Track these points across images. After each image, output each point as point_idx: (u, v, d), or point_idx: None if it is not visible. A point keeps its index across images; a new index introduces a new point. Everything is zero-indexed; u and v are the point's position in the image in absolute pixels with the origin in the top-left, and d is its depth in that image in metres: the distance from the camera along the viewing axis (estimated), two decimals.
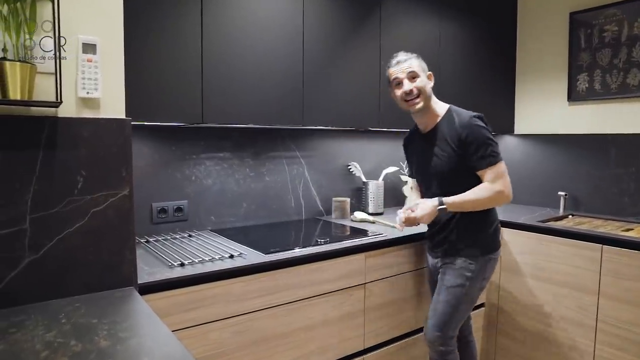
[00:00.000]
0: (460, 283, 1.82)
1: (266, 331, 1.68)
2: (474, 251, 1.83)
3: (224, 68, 1.81)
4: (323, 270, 1.81)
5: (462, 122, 1.76)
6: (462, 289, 1.82)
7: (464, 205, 1.77)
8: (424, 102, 1.80)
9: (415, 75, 1.79)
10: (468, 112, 1.81)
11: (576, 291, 2.17)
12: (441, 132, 1.82)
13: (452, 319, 1.83)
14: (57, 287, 1.23)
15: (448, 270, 1.86)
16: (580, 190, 2.77)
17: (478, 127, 1.75)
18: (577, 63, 2.74)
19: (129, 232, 1.33)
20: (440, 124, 1.84)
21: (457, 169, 1.78)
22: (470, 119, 1.76)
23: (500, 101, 3.04)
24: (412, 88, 1.78)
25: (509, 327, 2.46)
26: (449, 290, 1.83)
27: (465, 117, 1.77)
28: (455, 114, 1.81)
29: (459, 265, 1.83)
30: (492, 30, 2.91)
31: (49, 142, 1.20)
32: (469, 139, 1.73)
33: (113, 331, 1.03)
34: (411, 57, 1.82)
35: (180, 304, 1.47)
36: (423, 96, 1.80)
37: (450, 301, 1.82)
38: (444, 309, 1.83)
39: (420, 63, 1.83)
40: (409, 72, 1.79)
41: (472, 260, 1.82)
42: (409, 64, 1.80)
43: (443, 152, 1.80)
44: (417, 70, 1.80)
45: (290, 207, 2.47)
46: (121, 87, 1.32)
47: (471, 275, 1.81)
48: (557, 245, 2.24)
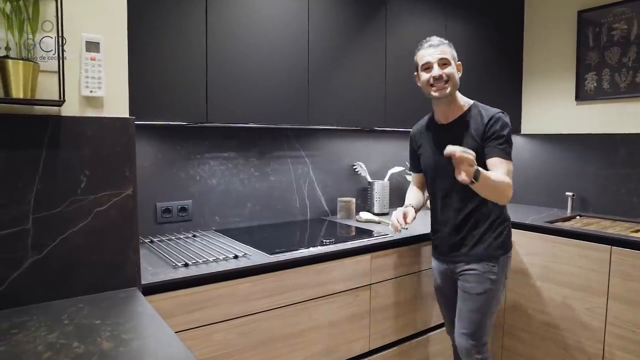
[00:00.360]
0: (487, 288, 1.76)
1: (271, 332, 1.66)
2: (494, 252, 1.77)
3: (229, 67, 1.80)
4: (328, 270, 1.80)
5: (490, 114, 1.73)
6: (490, 293, 1.77)
7: (488, 182, 1.56)
8: (451, 88, 1.74)
9: (446, 62, 1.73)
10: (495, 108, 1.78)
11: (584, 293, 2.14)
12: (465, 126, 1.76)
13: (484, 326, 1.79)
14: (60, 288, 1.22)
15: (470, 276, 1.78)
16: (588, 191, 2.74)
17: (505, 122, 1.73)
18: (585, 62, 2.71)
19: (133, 232, 1.32)
20: (464, 116, 1.78)
21: (482, 165, 1.65)
22: (499, 113, 1.74)
23: (506, 101, 3.01)
24: (442, 74, 1.72)
25: (515, 328, 2.44)
26: (477, 297, 1.77)
27: (494, 111, 1.75)
28: (482, 109, 1.78)
29: (481, 270, 1.76)
30: (498, 29, 2.88)
31: (52, 141, 1.19)
32: (494, 129, 1.70)
33: (116, 332, 1.02)
34: (444, 43, 1.76)
35: (184, 304, 1.46)
36: (451, 83, 1.74)
37: (481, 309, 1.77)
38: (475, 317, 1.77)
39: (452, 51, 1.77)
40: (440, 59, 1.73)
41: (493, 262, 1.77)
42: (442, 50, 1.73)
43: (467, 146, 1.62)
44: (449, 57, 1.74)
45: (295, 207, 2.45)
46: (125, 86, 1.31)
47: (496, 278, 1.77)
48: (565, 246, 2.21)
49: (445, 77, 1.72)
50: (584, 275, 2.14)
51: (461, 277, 1.82)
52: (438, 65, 1.72)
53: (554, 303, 2.26)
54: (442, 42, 1.76)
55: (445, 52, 1.74)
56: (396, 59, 2.35)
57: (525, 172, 3.03)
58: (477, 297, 1.77)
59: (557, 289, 2.24)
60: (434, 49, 1.74)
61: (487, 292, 1.76)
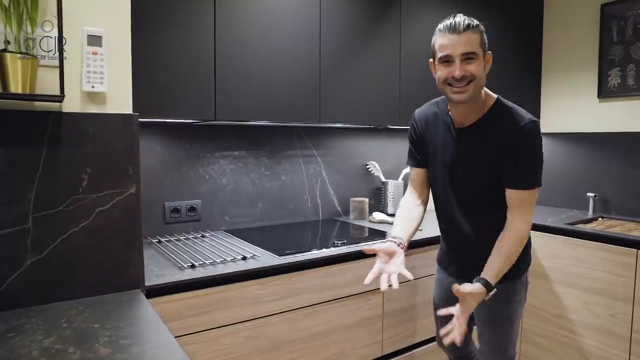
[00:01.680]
0: (513, 309, 1.55)
1: (280, 336, 1.61)
2: (517, 270, 1.50)
3: (237, 64, 1.75)
4: (340, 273, 1.74)
5: (518, 125, 1.36)
6: (516, 313, 1.57)
7: (503, 271, 1.37)
8: (473, 92, 1.36)
9: (472, 56, 1.33)
10: (524, 111, 1.41)
11: (608, 298, 2.04)
12: (486, 134, 1.41)
13: (511, 343, 1.62)
14: (61, 289, 1.19)
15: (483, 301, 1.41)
16: (610, 192, 2.63)
17: (537, 139, 1.37)
18: (608, 57, 2.61)
19: (136, 233, 1.28)
20: (485, 120, 1.43)
21: (494, 181, 1.42)
22: (529, 124, 1.36)
23: (525, 98, 2.91)
24: (465, 74, 1.33)
25: (534, 334, 2.35)
26: (503, 320, 1.56)
27: (524, 120, 1.37)
28: (507, 111, 1.41)
29: (506, 291, 1.50)
30: (517, 23, 2.79)
31: (52, 138, 1.16)
32: (520, 148, 1.36)
33: (115, 337, 0.97)
34: (472, 26, 1.33)
35: (190, 307, 1.42)
36: (476, 84, 1.35)
37: (505, 330, 1.57)
38: (502, 340, 1.58)
39: (481, 38, 1.35)
40: (464, 53, 1.32)
41: (516, 280, 1.54)
42: (468, 39, 1.31)
43: (486, 160, 1.41)
44: (474, 49, 1.33)
45: (306, 207, 2.40)
46: (128, 82, 1.27)
47: (518, 298, 1.56)
48: (587, 249, 2.12)
49: (469, 76, 1.33)
50: (607, 280, 2.04)
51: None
52: (461, 61, 1.33)
53: (574, 308, 2.17)
54: (470, 26, 1.33)
55: (473, 43, 1.32)
56: (411, 55, 2.28)
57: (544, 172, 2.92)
58: (504, 320, 1.56)
59: (578, 294, 2.15)
60: (458, 36, 1.31)
61: (513, 312, 1.56)
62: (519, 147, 1.36)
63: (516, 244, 1.39)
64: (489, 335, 1.61)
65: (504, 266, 1.38)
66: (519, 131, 1.36)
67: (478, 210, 1.50)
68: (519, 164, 1.37)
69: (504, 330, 1.59)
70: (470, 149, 1.44)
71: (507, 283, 1.48)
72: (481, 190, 1.46)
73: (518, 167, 1.37)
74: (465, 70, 1.33)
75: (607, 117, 2.64)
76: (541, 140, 1.39)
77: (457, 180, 1.50)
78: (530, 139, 1.36)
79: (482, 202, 1.48)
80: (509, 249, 1.38)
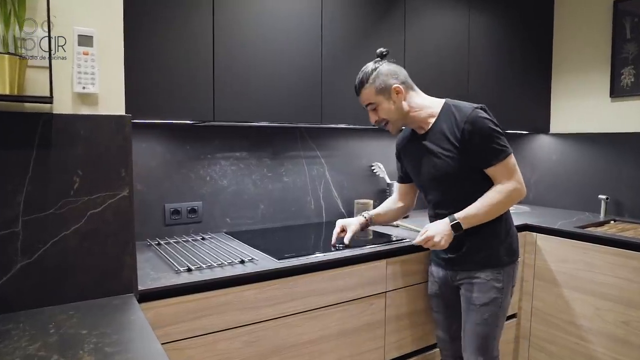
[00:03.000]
0: (493, 298, 1.61)
1: (279, 341, 1.57)
2: (499, 260, 1.63)
3: (236, 64, 1.72)
4: (341, 277, 1.70)
5: (463, 116, 1.54)
6: (496, 303, 1.62)
7: (479, 217, 1.56)
8: (395, 125, 1.65)
9: (373, 105, 1.62)
10: (468, 104, 1.60)
11: (620, 305, 1.97)
12: (440, 130, 1.60)
13: (493, 339, 1.65)
14: (52, 294, 1.17)
15: (473, 286, 1.64)
16: (623, 194, 2.55)
17: (481, 118, 1.53)
18: (621, 55, 2.53)
19: (129, 236, 1.26)
20: (437, 122, 1.62)
21: (462, 169, 1.57)
22: (473, 111, 1.54)
23: (534, 98, 2.85)
24: (377, 119, 1.64)
25: (542, 340, 2.28)
26: (482, 309, 1.62)
27: (467, 110, 1.56)
28: (454, 108, 1.59)
29: (486, 279, 1.62)
30: (526, 21, 2.73)
31: (43, 140, 1.14)
32: (472, 133, 1.52)
33: (101, 345, 0.95)
34: (364, 82, 1.61)
35: (186, 311, 1.39)
36: (392, 122, 1.64)
37: (487, 320, 1.62)
38: (481, 330, 1.63)
39: (373, 87, 1.60)
40: (367, 105, 1.64)
41: (498, 270, 1.63)
42: (365, 96, 1.63)
43: (445, 151, 1.58)
44: (371, 100, 1.61)
45: (310, 209, 2.37)
46: (121, 82, 1.24)
47: (502, 287, 1.63)
48: (598, 253, 2.05)
49: (381, 120, 1.64)
50: (620, 286, 1.98)
51: (463, 286, 1.68)
52: (370, 111, 1.65)
53: (585, 314, 2.10)
54: (363, 84, 1.61)
55: (368, 96, 1.61)
56: (416, 54, 2.23)
57: (554, 173, 2.87)
58: (482, 308, 1.62)
59: (589, 299, 2.09)
60: (359, 96, 1.65)
61: (493, 301, 1.62)
62: (474, 132, 1.52)
63: (503, 195, 1.55)
64: (470, 327, 1.65)
65: (481, 208, 1.55)
66: (467, 117, 1.53)
67: (456, 203, 1.61)
68: (481, 146, 1.53)
69: (484, 320, 1.62)
70: (433, 145, 1.62)
71: (487, 271, 1.62)
72: (452, 179, 1.60)
73: (482, 149, 1.54)
74: (375, 116, 1.65)
75: (619, 117, 2.57)
76: (487, 119, 1.54)
77: (431, 176, 1.65)
78: (479, 119, 1.53)
79: (456, 190, 1.62)
80: (493, 197, 1.56)
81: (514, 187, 1.56)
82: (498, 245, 1.64)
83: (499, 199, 1.55)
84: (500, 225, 1.64)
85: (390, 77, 1.60)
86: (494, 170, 1.56)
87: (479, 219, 1.57)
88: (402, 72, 1.64)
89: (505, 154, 1.55)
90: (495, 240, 1.64)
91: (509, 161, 1.55)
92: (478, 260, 1.64)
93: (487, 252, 1.63)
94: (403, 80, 1.63)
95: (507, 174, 1.56)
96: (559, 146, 2.87)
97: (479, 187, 1.59)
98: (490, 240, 1.63)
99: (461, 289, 1.69)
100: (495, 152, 1.54)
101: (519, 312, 2.37)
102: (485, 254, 1.63)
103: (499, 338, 1.68)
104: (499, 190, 1.56)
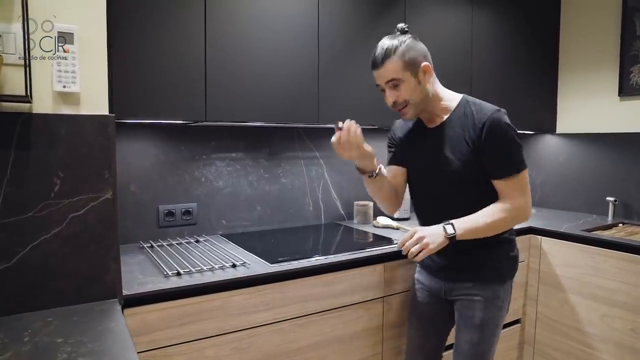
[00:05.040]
0: (492, 316, 1.49)
1: (271, 348, 1.53)
2: (500, 274, 1.51)
3: (229, 63, 1.68)
4: (337, 282, 1.65)
5: (483, 117, 1.39)
6: (495, 321, 1.51)
7: (478, 233, 1.41)
8: (414, 110, 1.46)
9: (397, 82, 1.41)
10: (489, 104, 1.44)
11: (629, 312, 1.90)
12: (455, 128, 1.45)
13: (489, 357, 1.54)
14: (31, 300, 1.13)
15: (472, 302, 1.50)
16: (631, 196, 2.47)
17: (504, 123, 1.38)
18: (630, 53, 2.45)
19: (113, 240, 1.22)
20: (452, 117, 1.47)
21: (472, 173, 1.43)
22: (494, 114, 1.38)
23: (540, 97, 2.78)
24: (396, 99, 1.44)
25: (547, 347, 2.21)
26: (481, 328, 1.49)
27: (487, 111, 1.40)
28: (473, 107, 1.43)
29: (486, 296, 1.48)
30: (531, 17, 2.66)
31: (21, 140, 1.10)
32: (491, 136, 1.37)
33: (74, 354, 0.91)
34: (391, 52, 1.39)
35: (174, 316, 1.35)
36: (412, 105, 1.44)
37: (486, 339, 1.50)
38: (479, 350, 1.50)
39: (401, 60, 1.39)
40: (388, 81, 1.42)
41: (499, 285, 1.50)
42: (387, 68, 1.40)
43: (459, 152, 1.43)
44: (396, 75, 1.40)
45: (308, 211, 2.32)
46: (104, 81, 1.20)
47: (501, 304, 1.51)
48: (606, 258, 1.98)
49: (401, 102, 1.44)
50: (628, 292, 1.90)
51: (460, 302, 1.53)
52: (390, 89, 1.43)
53: (591, 321, 2.03)
54: (388, 54, 1.39)
55: (392, 69, 1.39)
56: None
57: (561, 174, 2.79)
58: (482, 327, 1.49)
59: (595, 306, 2.02)
60: (378, 70, 1.42)
61: (492, 320, 1.50)
62: (491, 137, 1.38)
63: (507, 213, 1.41)
64: (466, 347, 1.52)
65: (479, 225, 1.40)
66: (489, 119, 1.38)
67: (454, 207, 1.46)
68: (497, 153, 1.40)
69: (482, 339, 1.50)
70: (445, 143, 1.47)
71: (489, 287, 1.49)
72: (464, 182, 1.46)
73: (497, 157, 1.40)
74: (395, 96, 1.44)
75: (628, 117, 2.49)
76: (510, 126, 1.40)
77: (440, 174, 1.49)
78: (502, 125, 1.39)
79: (456, 198, 1.48)
80: (493, 212, 1.41)
81: (522, 207, 1.41)
82: (503, 259, 1.52)
83: (504, 218, 1.41)
84: (506, 235, 1.52)
85: (420, 53, 1.42)
86: (504, 184, 1.41)
87: (477, 234, 1.41)
88: (427, 52, 1.47)
89: (520, 168, 1.40)
90: (502, 253, 1.52)
91: (522, 177, 1.41)
92: (480, 274, 1.50)
93: (491, 266, 1.50)
94: (430, 60, 1.46)
95: (518, 191, 1.41)
96: (565, 147, 2.79)
97: (482, 196, 1.45)
98: (496, 252, 1.51)
99: (456, 304, 1.55)
100: (510, 165, 1.40)
101: (523, 318, 2.31)
102: (488, 267, 1.50)
103: (493, 355, 1.56)
104: (506, 209, 1.40)
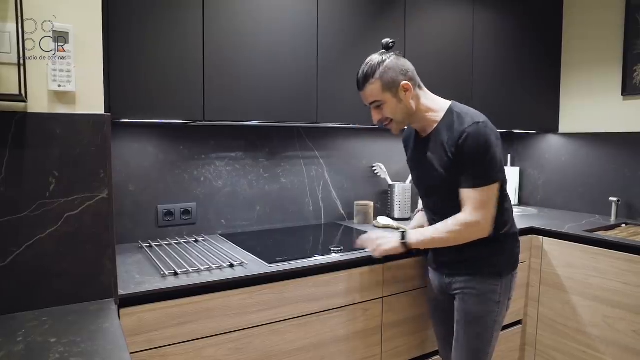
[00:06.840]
0: (488, 311, 1.52)
1: (268, 348, 1.52)
2: (497, 269, 1.53)
3: (228, 62, 1.67)
4: (335, 282, 1.64)
5: (463, 126, 1.42)
6: (491, 316, 1.53)
7: (433, 244, 1.55)
8: (397, 126, 1.54)
9: (378, 103, 1.50)
10: (471, 114, 1.46)
11: (632, 313, 1.88)
12: (440, 137, 1.49)
13: (485, 354, 1.56)
14: (26, 299, 1.13)
15: (469, 297, 1.54)
16: (635, 196, 2.45)
17: (477, 135, 1.40)
18: (634, 51, 2.43)
19: (109, 240, 1.21)
20: (439, 127, 1.51)
21: (456, 181, 1.47)
22: (470, 127, 1.41)
23: (543, 96, 2.76)
24: (380, 117, 1.53)
25: (549, 348, 2.20)
26: (475, 321, 1.53)
27: (468, 121, 1.43)
28: (456, 116, 1.47)
29: (482, 290, 1.52)
30: (533, 16, 2.64)
31: (16, 140, 1.10)
32: (463, 150, 1.41)
33: (66, 355, 0.90)
34: (368, 77, 1.47)
35: (171, 316, 1.34)
36: (396, 121, 1.52)
37: (481, 334, 1.53)
38: (474, 344, 1.54)
39: (379, 82, 1.46)
40: (370, 102, 1.52)
41: (496, 280, 1.53)
42: (369, 92, 1.49)
43: (440, 159, 1.49)
44: (377, 97, 1.48)
45: (308, 210, 2.31)
46: (99, 81, 1.20)
47: (498, 299, 1.53)
48: (609, 258, 1.96)
49: (384, 119, 1.53)
50: (630, 293, 1.88)
51: (458, 296, 1.57)
52: (374, 109, 1.53)
53: (594, 322, 2.01)
54: (367, 77, 1.47)
55: (373, 93, 1.48)
56: (417, 52, 2.16)
57: (563, 174, 2.77)
58: (476, 320, 1.53)
59: (598, 307, 2.00)
60: (362, 92, 1.52)
61: (488, 314, 1.53)
62: (464, 149, 1.42)
63: (459, 227, 1.45)
64: (462, 340, 1.56)
65: (434, 237, 1.51)
66: (462, 133, 1.42)
67: (447, 211, 1.51)
68: (465, 164, 1.43)
69: (478, 334, 1.53)
70: (431, 152, 1.54)
71: (484, 282, 1.53)
72: (446, 189, 1.51)
73: (464, 167, 1.44)
74: (379, 114, 1.53)
75: (631, 116, 2.46)
76: (486, 139, 1.41)
77: (427, 183, 1.59)
78: (472, 139, 1.41)
79: (447, 203, 1.52)
80: (448, 226, 1.48)
81: (476, 222, 1.43)
82: (500, 254, 1.55)
83: (459, 231, 1.45)
84: (504, 230, 1.54)
85: (399, 72, 1.47)
86: (465, 194, 1.44)
87: (432, 245, 1.57)
88: (410, 68, 1.51)
89: (485, 183, 1.42)
90: (498, 248, 1.54)
91: (483, 192, 1.42)
92: (476, 268, 1.54)
93: (487, 261, 1.53)
94: (411, 76, 1.50)
95: (475, 205, 1.43)
96: (568, 146, 2.77)
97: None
98: (492, 247, 1.52)
99: (456, 299, 1.59)
100: (473, 176, 1.42)
101: (525, 319, 2.29)
102: (485, 262, 1.53)
103: (491, 354, 1.58)
104: (460, 223, 1.45)
